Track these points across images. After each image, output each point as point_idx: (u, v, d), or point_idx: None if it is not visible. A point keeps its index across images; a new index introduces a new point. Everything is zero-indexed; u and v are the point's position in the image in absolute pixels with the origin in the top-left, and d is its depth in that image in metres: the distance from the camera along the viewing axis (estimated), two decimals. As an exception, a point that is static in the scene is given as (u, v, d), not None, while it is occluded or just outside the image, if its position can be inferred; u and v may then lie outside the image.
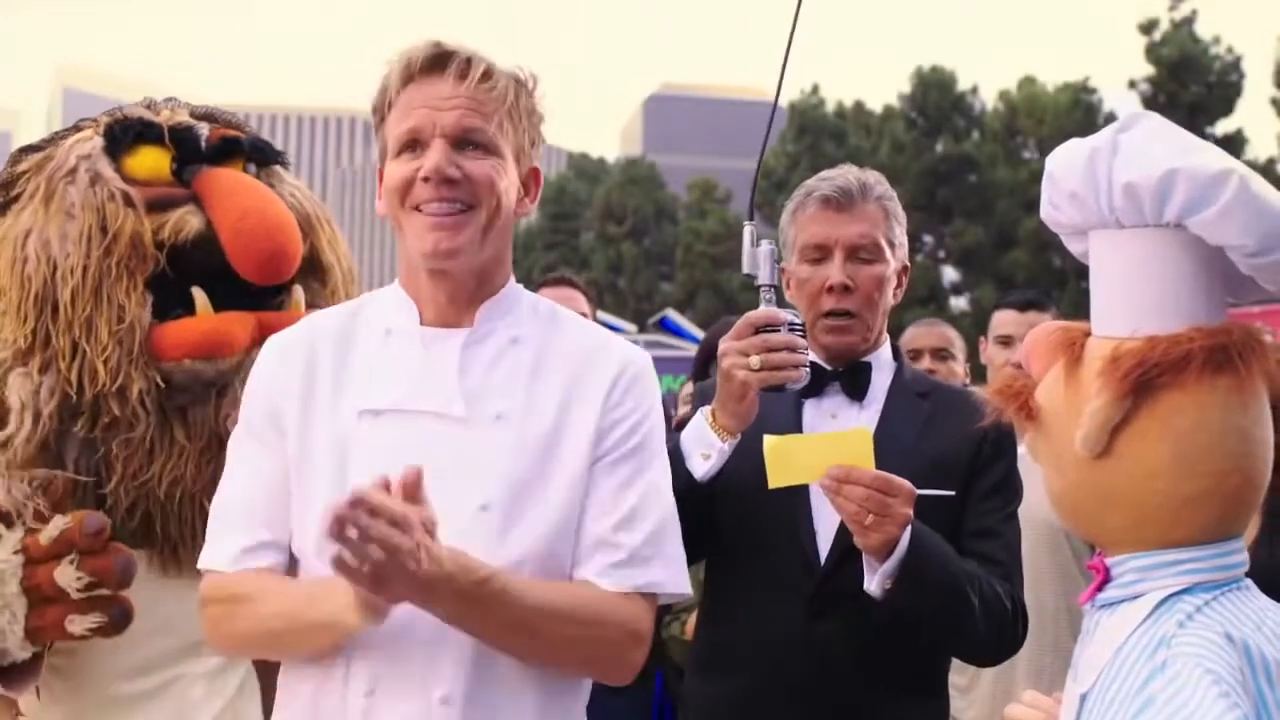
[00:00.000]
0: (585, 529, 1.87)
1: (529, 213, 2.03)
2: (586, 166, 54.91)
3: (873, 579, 2.18)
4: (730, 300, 36.05)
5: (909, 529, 2.15)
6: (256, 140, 2.59)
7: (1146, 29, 32.26)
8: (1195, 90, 31.73)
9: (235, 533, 1.88)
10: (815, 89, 39.94)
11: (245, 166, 2.55)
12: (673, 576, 1.90)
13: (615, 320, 18.59)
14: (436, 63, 1.89)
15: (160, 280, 2.36)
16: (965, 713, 3.82)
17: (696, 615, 2.73)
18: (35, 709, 2.37)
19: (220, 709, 2.41)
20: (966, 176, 35.22)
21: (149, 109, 2.53)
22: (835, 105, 39.82)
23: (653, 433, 1.94)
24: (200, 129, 2.50)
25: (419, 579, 1.64)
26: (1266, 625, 1.34)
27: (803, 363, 2.19)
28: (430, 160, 1.85)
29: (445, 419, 1.85)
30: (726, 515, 2.36)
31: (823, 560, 2.34)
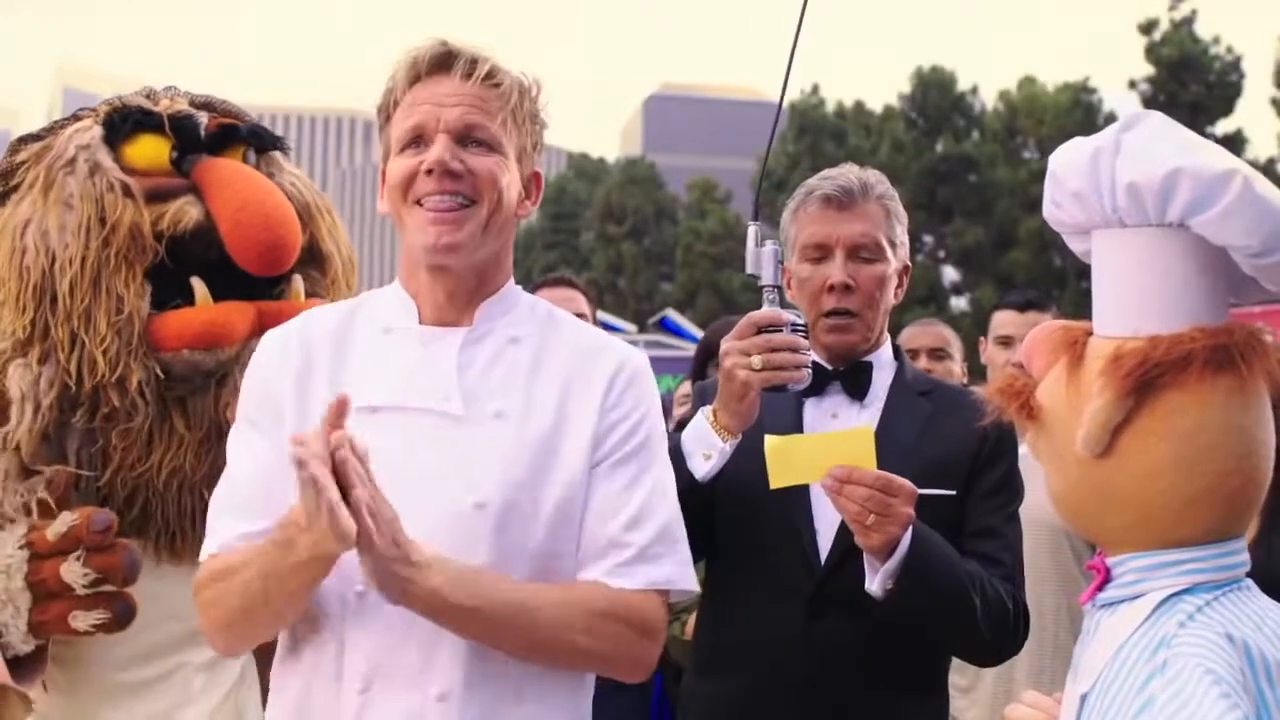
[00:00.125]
0: (593, 531, 1.86)
1: (530, 214, 2.03)
2: (586, 166, 54.90)
3: (874, 579, 2.18)
4: (730, 300, 36.02)
5: (910, 529, 2.15)
6: (255, 127, 2.59)
7: (1146, 29, 32.23)
8: (1195, 90, 31.68)
9: (235, 521, 1.87)
10: (815, 89, 39.92)
11: (244, 154, 2.55)
12: (683, 573, 1.90)
13: (615, 320, 18.59)
14: (443, 62, 1.89)
15: (159, 270, 2.36)
16: (966, 713, 3.82)
17: (696, 615, 2.73)
18: (38, 699, 2.37)
19: (220, 698, 2.42)
20: (966, 176, 35.18)
21: (148, 98, 2.53)
22: (835, 105, 39.79)
23: (653, 432, 1.94)
24: (199, 117, 2.50)
25: (410, 561, 1.66)
26: (1267, 625, 1.34)
27: (805, 363, 2.19)
28: (433, 153, 1.86)
29: (443, 416, 1.85)
30: (727, 515, 2.35)
31: (823, 560, 2.33)
